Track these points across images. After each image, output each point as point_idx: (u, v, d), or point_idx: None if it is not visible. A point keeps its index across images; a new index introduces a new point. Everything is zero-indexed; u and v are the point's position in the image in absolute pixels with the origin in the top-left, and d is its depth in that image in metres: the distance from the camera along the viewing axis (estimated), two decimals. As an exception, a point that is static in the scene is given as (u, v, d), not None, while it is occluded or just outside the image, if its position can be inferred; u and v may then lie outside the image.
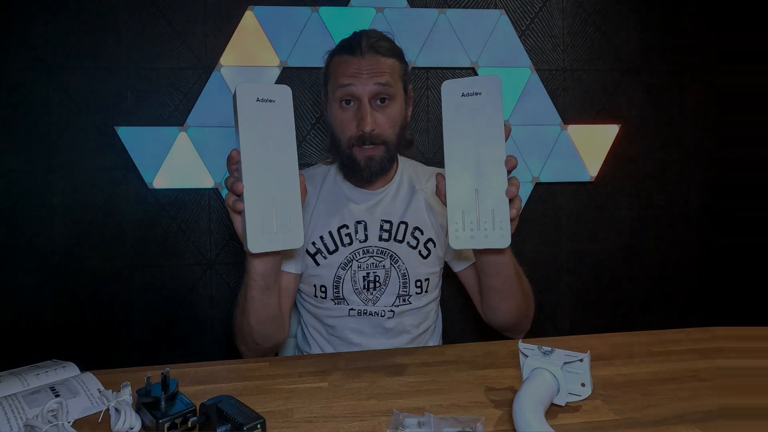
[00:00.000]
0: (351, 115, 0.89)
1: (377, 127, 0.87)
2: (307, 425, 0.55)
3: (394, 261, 0.93)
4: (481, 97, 0.67)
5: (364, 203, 0.95)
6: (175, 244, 1.37)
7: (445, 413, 0.56)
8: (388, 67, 0.89)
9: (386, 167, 0.92)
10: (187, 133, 1.36)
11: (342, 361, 0.74)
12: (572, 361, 0.56)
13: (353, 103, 0.88)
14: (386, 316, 0.93)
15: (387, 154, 0.90)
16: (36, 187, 1.31)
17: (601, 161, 1.51)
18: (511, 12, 1.46)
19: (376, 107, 0.88)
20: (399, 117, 0.91)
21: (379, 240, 0.93)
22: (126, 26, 1.33)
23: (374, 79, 0.87)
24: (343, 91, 0.88)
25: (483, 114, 0.67)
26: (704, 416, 0.55)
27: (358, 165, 0.89)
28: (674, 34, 1.53)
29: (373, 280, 0.92)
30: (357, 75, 0.87)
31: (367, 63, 0.87)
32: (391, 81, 0.88)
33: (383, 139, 0.89)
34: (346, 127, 0.89)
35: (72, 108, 1.32)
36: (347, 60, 0.89)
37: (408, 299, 0.94)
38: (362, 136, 0.87)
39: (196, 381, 0.67)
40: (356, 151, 0.89)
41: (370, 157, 0.89)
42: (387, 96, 0.88)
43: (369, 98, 0.87)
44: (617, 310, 1.55)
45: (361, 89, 0.87)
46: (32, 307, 1.33)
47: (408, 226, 0.94)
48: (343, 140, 0.90)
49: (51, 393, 0.58)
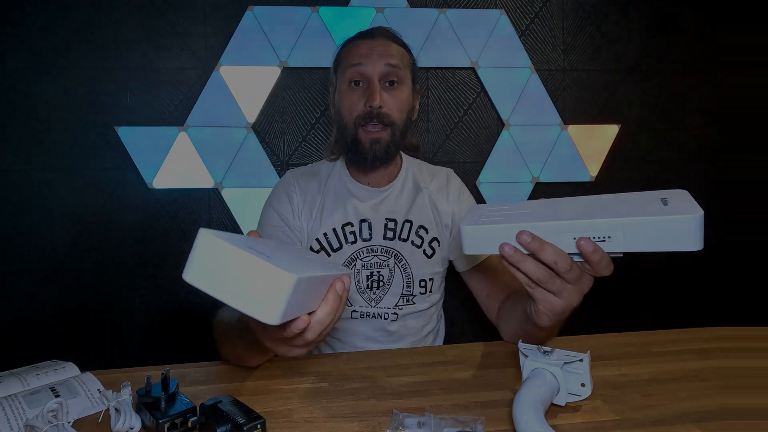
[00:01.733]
0: (359, 94, 0.89)
1: (385, 106, 0.88)
2: (307, 425, 0.55)
3: (398, 260, 0.92)
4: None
5: (369, 201, 0.94)
6: (175, 244, 1.37)
7: (445, 413, 0.56)
8: (398, 52, 0.91)
9: (391, 153, 0.91)
10: (187, 133, 1.36)
11: (342, 361, 0.74)
12: (572, 361, 0.56)
13: (362, 84, 0.89)
14: (389, 319, 0.92)
15: (392, 139, 0.90)
16: (36, 187, 1.31)
17: (601, 161, 1.51)
18: (511, 12, 1.46)
19: (385, 88, 0.89)
20: (407, 102, 0.92)
21: (384, 239, 0.92)
22: (126, 26, 1.33)
23: (384, 59, 0.88)
24: (353, 70, 0.89)
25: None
26: (704, 416, 0.55)
27: (363, 146, 0.89)
28: (674, 34, 1.53)
29: (377, 280, 0.92)
30: (368, 55, 0.88)
31: (379, 44, 0.90)
32: (400, 64, 0.90)
33: (390, 120, 0.88)
34: (354, 107, 0.89)
35: (72, 108, 1.32)
36: (358, 43, 0.91)
37: (412, 299, 0.93)
38: (370, 113, 0.87)
39: (196, 381, 0.67)
40: (362, 132, 0.89)
41: (376, 139, 0.88)
42: (396, 78, 0.89)
43: (378, 78, 0.88)
44: (617, 310, 1.55)
45: (371, 69, 0.88)
46: (32, 307, 1.33)
47: (413, 225, 0.94)
48: (350, 121, 0.90)
49: (51, 393, 0.58)
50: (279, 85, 1.39)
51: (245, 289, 0.41)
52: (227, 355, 0.72)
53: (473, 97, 1.47)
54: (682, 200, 0.52)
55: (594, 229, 0.50)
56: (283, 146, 1.41)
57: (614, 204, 0.54)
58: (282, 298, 0.40)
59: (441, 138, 1.47)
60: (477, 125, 1.48)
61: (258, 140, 1.39)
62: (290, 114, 1.41)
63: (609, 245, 0.50)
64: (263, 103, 1.38)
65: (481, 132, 1.48)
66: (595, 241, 0.51)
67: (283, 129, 1.41)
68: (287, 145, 1.41)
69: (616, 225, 0.49)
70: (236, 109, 1.37)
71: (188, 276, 0.42)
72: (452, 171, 1.04)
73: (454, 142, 1.47)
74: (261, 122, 1.40)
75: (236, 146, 1.38)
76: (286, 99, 1.40)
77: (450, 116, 1.47)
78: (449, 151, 1.47)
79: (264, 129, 1.40)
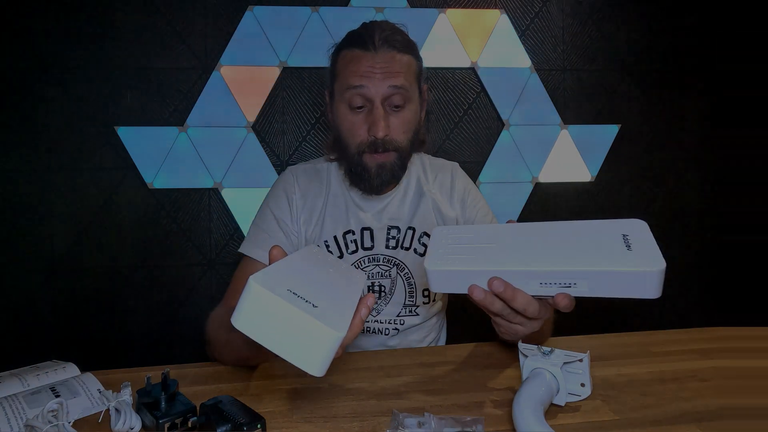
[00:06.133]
0: (362, 118, 0.81)
1: (390, 133, 0.81)
2: (307, 425, 0.55)
3: (400, 270, 0.89)
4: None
5: (371, 209, 0.90)
6: (175, 244, 1.37)
7: (445, 413, 0.56)
8: (404, 65, 0.82)
9: (397, 175, 0.86)
10: (187, 133, 1.36)
11: (342, 361, 0.74)
12: (572, 361, 0.56)
13: (365, 107, 0.81)
14: (390, 335, 0.89)
15: (399, 162, 0.84)
16: (36, 187, 1.31)
17: (601, 161, 1.51)
18: (511, 12, 1.46)
19: (389, 111, 0.81)
20: (413, 122, 0.85)
21: (386, 248, 0.89)
22: (126, 26, 1.33)
23: (388, 80, 0.79)
24: (354, 92, 0.80)
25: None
26: (704, 416, 0.55)
27: (369, 173, 0.83)
28: (674, 34, 1.53)
29: (378, 290, 0.89)
30: (369, 75, 0.79)
31: (381, 60, 0.80)
32: (407, 83, 0.81)
33: (396, 146, 0.82)
34: (356, 132, 0.82)
35: (72, 108, 1.32)
36: (358, 56, 0.81)
37: (415, 310, 0.90)
38: (374, 143, 0.80)
39: (196, 381, 0.67)
40: (367, 158, 0.82)
41: (382, 164, 0.82)
42: (401, 101, 0.81)
43: (382, 101, 0.80)
44: (617, 310, 1.55)
45: (374, 91, 0.79)
46: (32, 307, 1.33)
47: (415, 232, 0.90)
48: (352, 145, 0.83)
49: (51, 393, 0.58)
50: (279, 85, 1.39)
51: (293, 342, 0.43)
52: (228, 356, 0.71)
53: (473, 97, 1.47)
54: (643, 242, 0.53)
55: (561, 276, 0.52)
56: (283, 146, 1.41)
57: (579, 244, 0.55)
58: (328, 354, 0.44)
59: (441, 138, 1.47)
60: (477, 125, 1.48)
61: (258, 140, 1.39)
62: (290, 114, 1.41)
63: (573, 291, 0.52)
64: (263, 103, 1.38)
65: (481, 132, 1.48)
66: (561, 287, 0.52)
67: (282, 129, 1.41)
68: (287, 145, 1.41)
69: (582, 274, 0.51)
70: (236, 109, 1.37)
71: (237, 323, 0.44)
72: (457, 165, 0.98)
73: (454, 141, 1.47)
74: (261, 122, 1.40)
75: (236, 146, 1.38)
76: (286, 99, 1.40)
77: (450, 116, 1.47)
78: (449, 150, 1.47)
79: (264, 129, 1.40)
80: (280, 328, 0.43)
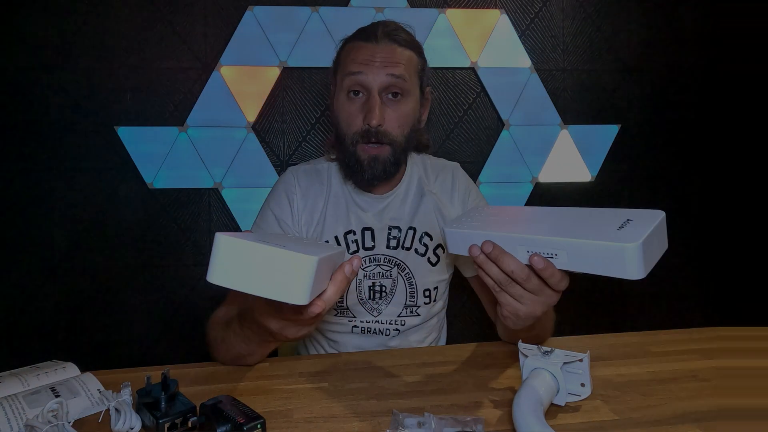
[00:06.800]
0: (358, 107, 0.82)
1: (385, 123, 0.81)
2: (307, 425, 0.55)
3: (401, 270, 0.89)
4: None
5: (372, 209, 0.90)
6: (175, 244, 1.37)
7: (445, 413, 0.56)
8: (405, 58, 0.82)
9: (390, 171, 0.85)
10: (187, 133, 1.36)
11: (342, 361, 0.74)
12: (572, 361, 0.56)
13: (362, 94, 0.82)
14: (390, 335, 0.89)
15: (392, 157, 0.83)
16: (36, 187, 1.31)
17: (601, 161, 1.51)
18: (511, 12, 1.46)
19: (386, 101, 0.81)
20: (411, 116, 0.84)
21: (387, 248, 0.89)
22: (126, 26, 1.33)
23: (387, 69, 0.80)
24: (352, 79, 0.81)
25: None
26: (704, 416, 0.55)
27: (361, 164, 0.83)
28: (674, 34, 1.53)
29: (379, 290, 0.89)
30: (369, 63, 0.80)
31: (381, 50, 0.81)
32: (406, 74, 0.81)
33: (390, 139, 0.82)
34: (352, 120, 0.82)
35: (72, 108, 1.32)
36: (360, 46, 0.82)
37: (416, 310, 0.90)
38: (368, 131, 0.80)
39: (196, 381, 0.67)
40: (360, 149, 0.82)
41: (374, 157, 0.82)
42: (399, 90, 0.81)
43: (379, 90, 0.80)
44: (616, 310, 1.55)
45: (372, 79, 0.80)
46: (32, 307, 1.33)
47: (416, 232, 0.90)
48: (348, 135, 0.83)
49: (51, 393, 0.58)
50: (279, 85, 1.39)
51: (271, 279, 0.44)
52: (225, 354, 0.71)
53: (473, 97, 1.47)
54: (640, 226, 0.52)
55: (543, 245, 0.54)
56: (283, 146, 1.41)
57: (578, 221, 0.57)
58: (307, 280, 0.44)
59: (441, 138, 1.47)
60: (477, 125, 1.48)
61: (258, 140, 1.39)
62: (290, 114, 1.41)
63: (557, 262, 0.54)
64: (263, 103, 1.38)
65: (481, 132, 1.48)
66: (546, 257, 0.54)
67: (283, 129, 1.41)
68: (287, 145, 1.41)
69: (561, 244, 0.52)
70: (236, 109, 1.37)
71: (213, 278, 0.45)
72: (458, 166, 0.99)
73: (454, 141, 1.47)
74: (261, 122, 1.39)
75: (236, 146, 1.38)
76: (286, 99, 1.40)
77: (450, 116, 1.47)
78: (449, 150, 1.47)
79: (264, 129, 1.40)
80: (253, 270, 0.44)
